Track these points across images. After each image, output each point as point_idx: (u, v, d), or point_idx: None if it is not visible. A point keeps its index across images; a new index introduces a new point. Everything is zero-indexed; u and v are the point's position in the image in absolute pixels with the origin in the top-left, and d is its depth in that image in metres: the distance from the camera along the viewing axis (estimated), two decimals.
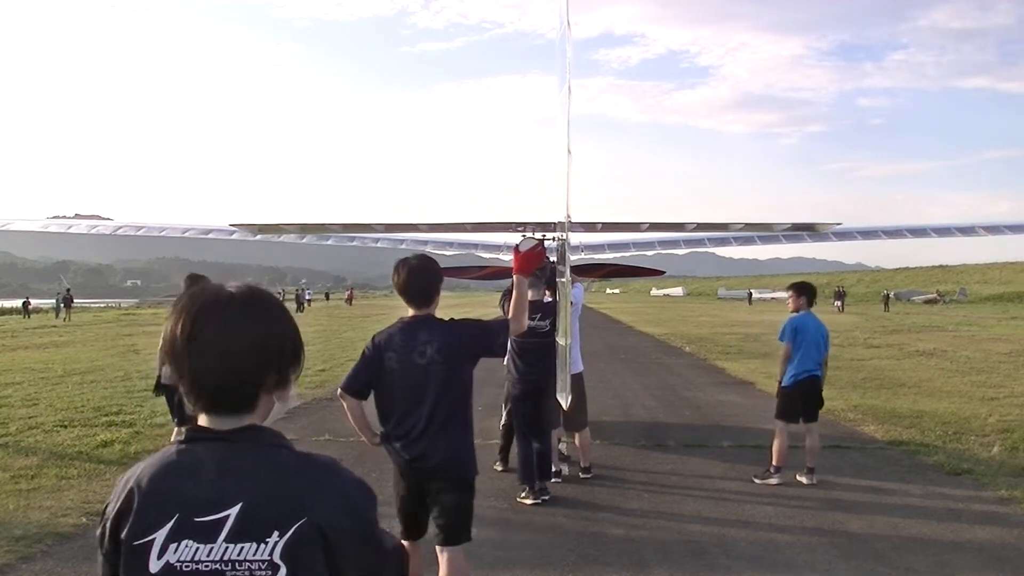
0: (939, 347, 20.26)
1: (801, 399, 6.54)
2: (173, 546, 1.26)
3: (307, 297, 55.54)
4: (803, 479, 6.46)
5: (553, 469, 6.49)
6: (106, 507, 1.35)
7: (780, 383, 6.70)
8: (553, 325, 6.01)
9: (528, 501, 5.89)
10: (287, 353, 1.37)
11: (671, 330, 29.25)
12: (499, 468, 6.91)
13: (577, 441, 6.86)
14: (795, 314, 6.67)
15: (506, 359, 6.31)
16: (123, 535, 1.29)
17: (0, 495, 5.96)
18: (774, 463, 6.48)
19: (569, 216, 4.03)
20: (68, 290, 45.59)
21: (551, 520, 5.56)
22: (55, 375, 13.63)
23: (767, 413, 10.11)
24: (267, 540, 1.26)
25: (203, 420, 1.35)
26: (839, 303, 50.67)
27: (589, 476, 6.68)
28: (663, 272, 10.89)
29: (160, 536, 1.26)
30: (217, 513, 1.26)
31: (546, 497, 5.98)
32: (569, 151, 3.89)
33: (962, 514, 5.71)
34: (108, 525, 1.32)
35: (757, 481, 6.47)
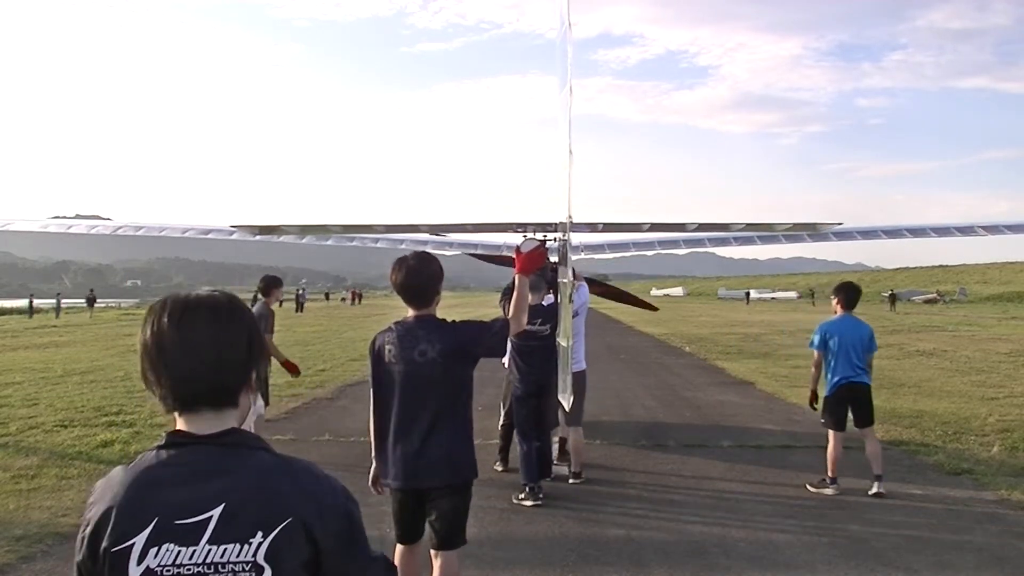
0: (939, 347, 20.26)
1: (845, 405, 6.24)
2: (153, 550, 1.24)
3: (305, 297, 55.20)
4: (873, 488, 6.09)
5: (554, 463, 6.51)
6: (85, 513, 1.33)
7: (813, 391, 6.40)
8: (554, 329, 6.02)
9: (528, 503, 5.88)
10: (261, 352, 1.42)
11: (671, 330, 29.23)
12: (499, 468, 6.91)
13: (570, 443, 6.75)
14: (832, 317, 6.38)
15: (507, 360, 6.32)
16: (102, 542, 1.27)
17: (0, 495, 5.96)
18: (829, 473, 6.21)
19: (571, 217, 4.02)
20: (91, 290, 49.45)
21: (551, 520, 5.56)
22: (55, 375, 13.63)
23: (767, 413, 10.16)
24: (251, 541, 1.25)
25: (183, 424, 1.35)
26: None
27: (579, 482, 6.52)
28: (656, 309, 10.72)
29: (140, 540, 1.24)
30: (199, 515, 1.25)
31: (541, 497, 5.96)
32: (571, 152, 3.88)
33: (962, 514, 5.72)
34: (88, 532, 1.30)
35: (811, 489, 6.23)
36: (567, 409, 5.66)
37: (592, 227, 6.59)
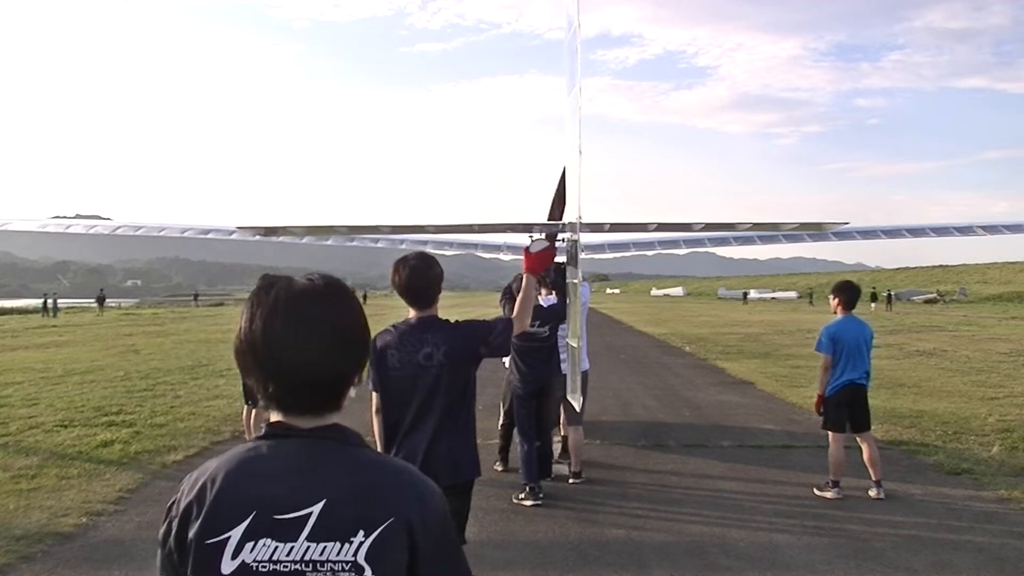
0: (939, 347, 20.25)
1: (845, 407, 6.17)
2: (249, 545, 1.19)
3: None
4: (873, 493, 6.12)
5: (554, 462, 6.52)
6: (171, 504, 1.27)
7: (820, 394, 6.30)
8: (553, 330, 6.01)
9: (528, 503, 5.89)
10: (368, 342, 1.35)
11: (671, 330, 29.25)
12: (499, 468, 6.91)
13: (570, 442, 6.75)
14: (834, 317, 6.31)
15: (508, 361, 6.32)
16: (192, 534, 1.22)
17: (0, 495, 5.96)
18: (831, 476, 6.18)
19: (580, 217, 4.00)
20: (101, 290, 51.32)
21: (551, 520, 5.56)
22: (55, 375, 13.62)
23: (767, 413, 10.16)
24: (352, 540, 1.20)
25: (284, 418, 1.28)
26: (875, 304, 49.18)
27: (579, 481, 6.52)
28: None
29: (235, 534, 1.20)
30: (298, 511, 1.20)
31: (541, 497, 5.97)
32: (580, 152, 3.86)
33: (962, 514, 5.72)
34: (175, 523, 1.24)
35: (816, 492, 6.20)
36: (577, 410, 5.64)
37: (598, 227, 6.59)
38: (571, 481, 6.53)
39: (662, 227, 7.28)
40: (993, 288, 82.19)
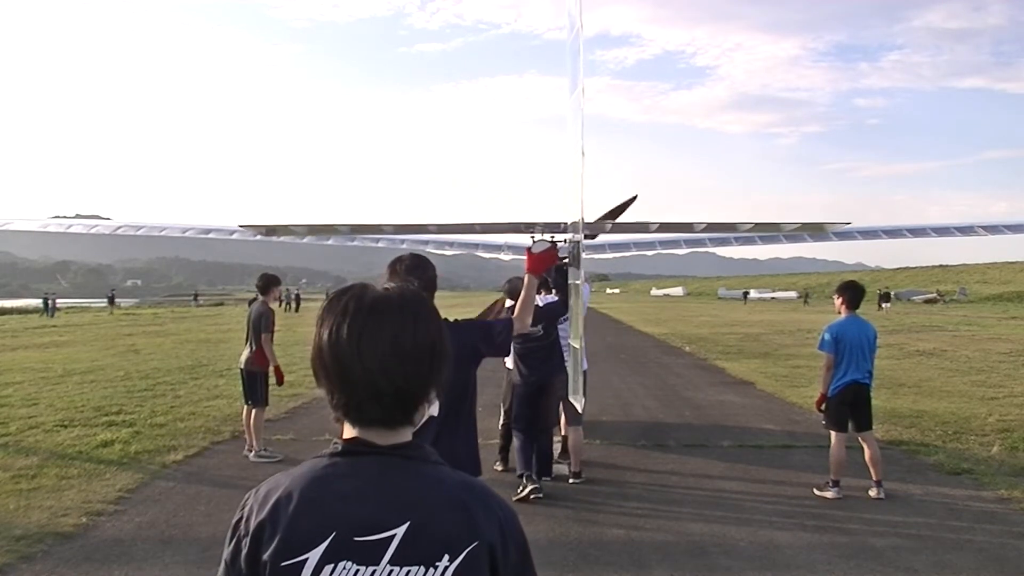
0: (939, 347, 20.25)
1: (848, 407, 6.16)
2: (329, 568, 1.16)
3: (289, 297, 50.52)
4: (873, 493, 6.13)
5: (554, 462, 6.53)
6: (238, 522, 1.23)
7: (823, 394, 6.28)
8: (546, 329, 6.01)
9: (527, 491, 5.89)
10: (442, 359, 1.30)
11: (671, 330, 29.25)
12: (499, 468, 6.91)
13: (570, 442, 6.76)
14: (838, 317, 6.30)
15: (510, 362, 6.33)
16: (266, 555, 1.18)
17: (0, 495, 5.96)
18: (832, 476, 6.17)
19: (583, 217, 4.00)
20: (112, 290, 52.23)
21: (551, 520, 5.56)
22: (55, 375, 13.62)
23: (767, 413, 10.16)
24: (437, 564, 1.17)
25: (358, 433, 1.24)
26: (887, 304, 48.77)
27: (579, 481, 6.52)
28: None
29: (314, 556, 1.16)
30: (380, 533, 1.17)
31: (540, 494, 5.96)
32: (583, 153, 3.87)
33: (962, 514, 5.72)
34: (247, 543, 1.20)
35: (816, 492, 6.20)
36: (580, 411, 5.65)
37: (599, 227, 6.58)
38: (571, 481, 6.53)
39: (663, 227, 7.28)
40: (993, 288, 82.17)
